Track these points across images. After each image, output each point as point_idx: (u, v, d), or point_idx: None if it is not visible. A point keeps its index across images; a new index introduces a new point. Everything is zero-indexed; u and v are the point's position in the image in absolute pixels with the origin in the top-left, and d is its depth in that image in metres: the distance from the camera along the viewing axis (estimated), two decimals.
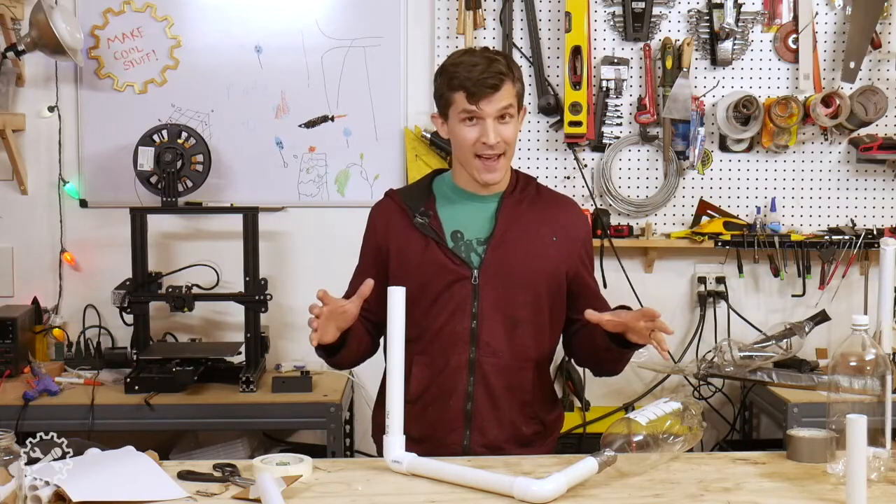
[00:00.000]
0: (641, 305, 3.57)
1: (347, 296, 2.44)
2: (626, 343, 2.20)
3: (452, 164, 2.41)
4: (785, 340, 3.32)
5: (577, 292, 2.39)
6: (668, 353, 2.28)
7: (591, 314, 2.16)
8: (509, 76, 2.26)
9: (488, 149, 2.25)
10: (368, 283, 2.16)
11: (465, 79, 2.24)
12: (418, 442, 2.11)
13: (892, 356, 2.04)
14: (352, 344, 2.27)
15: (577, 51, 3.56)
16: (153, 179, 3.47)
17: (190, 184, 3.48)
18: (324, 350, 2.25)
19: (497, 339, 2.29)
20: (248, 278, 3.40)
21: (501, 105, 2.25)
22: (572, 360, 2.56)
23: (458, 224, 2.33)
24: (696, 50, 3.67)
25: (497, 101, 2.24)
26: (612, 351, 2.24)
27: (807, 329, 3.37)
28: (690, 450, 2.08)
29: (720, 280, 3.76)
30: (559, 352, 2.49)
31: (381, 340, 2.42)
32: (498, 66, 2.25)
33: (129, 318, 3.45)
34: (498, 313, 2.29)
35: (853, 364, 1.95)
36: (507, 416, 2.32)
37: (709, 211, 3.72)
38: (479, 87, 2.22)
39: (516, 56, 3.63)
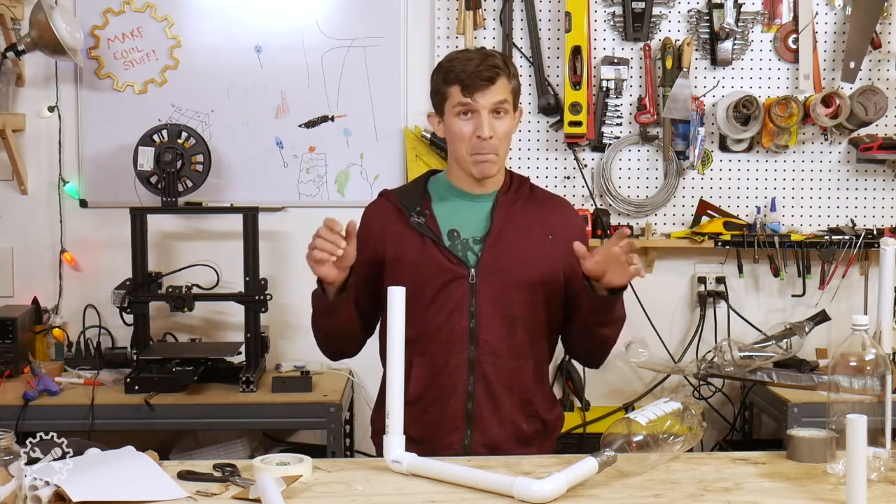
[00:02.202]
0: (642, 306, 3.62)
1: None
2: (609, 291, 2.21)
3: (448, 163, 2.41)
4: (785, 340, 3.32)
5: (574, 290, 2.39)
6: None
7: (578, 245, 2.17)
8: (504, 71, 2.27)
9: (482, 143, 2.25)
10: (353, 223, 2.16)
11: (460, 71, 2.25)
12: (418, 443, 2.11)
13: (892, 356, 2.04)
14: (349, 304, 2.25)
15: (577, 51, 3.55)
16: (153, 179, 3.47)
17: (190, 184, 3.48)
18: (322, 290, 2.25)
19: (496, 337, 2.29)
20: (248, 278, 3.40)
21: (496, 99, 2.25)
22: (572, 359, 2.57)
23: (453, 223, 2.33)
24: (696, 50, 3.67)
25: (492, 94, 2.25)
26: (596, 304, 2.22)
27: (807, 329, 3.37)
28: (690, 450, 2.08)
29: (720, 280, 3.76)
30: (559, 352, 2.49)
31: (377, 342, 2.41)
32: (493, 60, 2.27)
33: (129, 318, 3.44)
34: (496, 312, 2.29)
35: (853, 364, 1.95)
36: (507, 414, 2.31)
37: (709, 211, 3.72)
38: (474, 79, 2.24)
39: (516, 56, 3.64)
